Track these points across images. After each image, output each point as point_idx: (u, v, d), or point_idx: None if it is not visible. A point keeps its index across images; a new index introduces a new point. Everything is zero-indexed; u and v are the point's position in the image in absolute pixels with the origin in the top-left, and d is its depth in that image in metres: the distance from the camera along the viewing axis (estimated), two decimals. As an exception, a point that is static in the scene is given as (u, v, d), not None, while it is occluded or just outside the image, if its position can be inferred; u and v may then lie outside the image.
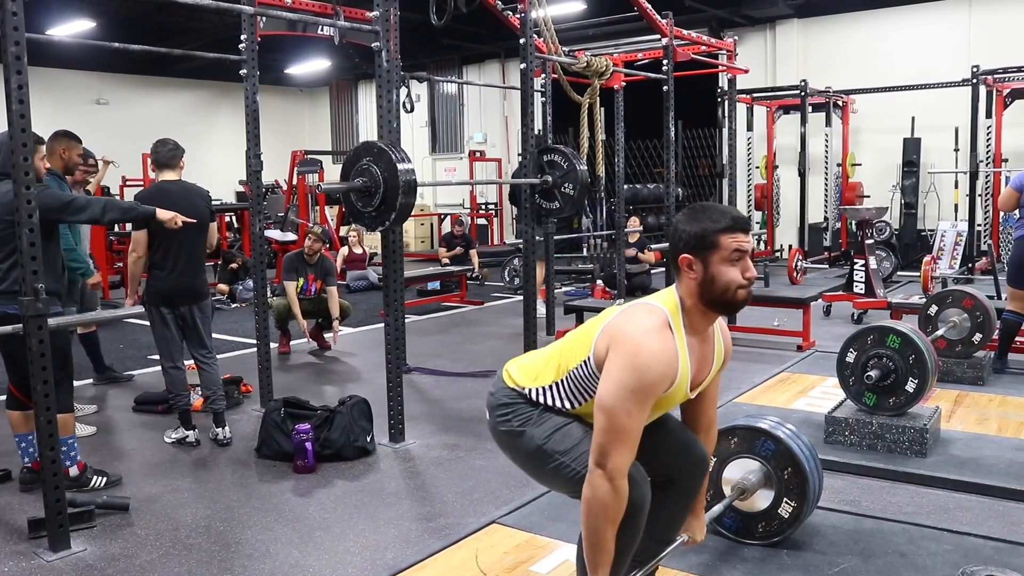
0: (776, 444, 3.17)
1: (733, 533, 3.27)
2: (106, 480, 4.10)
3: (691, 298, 2.25)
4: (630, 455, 2.17)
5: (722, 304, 2.23)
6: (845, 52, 13.30)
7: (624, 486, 2.16)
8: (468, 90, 17.92)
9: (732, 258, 2.19)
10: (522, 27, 5.50)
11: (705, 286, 2.21)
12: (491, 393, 2.52)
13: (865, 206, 10.94)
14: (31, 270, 3.18)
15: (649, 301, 2.28)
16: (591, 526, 2.18)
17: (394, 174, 4.14)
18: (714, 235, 2.19)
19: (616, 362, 2.15)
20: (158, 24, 14.02)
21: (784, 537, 3.18)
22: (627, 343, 2.15)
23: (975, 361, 5.54)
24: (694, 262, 2.21)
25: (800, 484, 3.14)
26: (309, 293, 7.39)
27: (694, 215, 2.24)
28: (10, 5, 3.04)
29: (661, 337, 2.16)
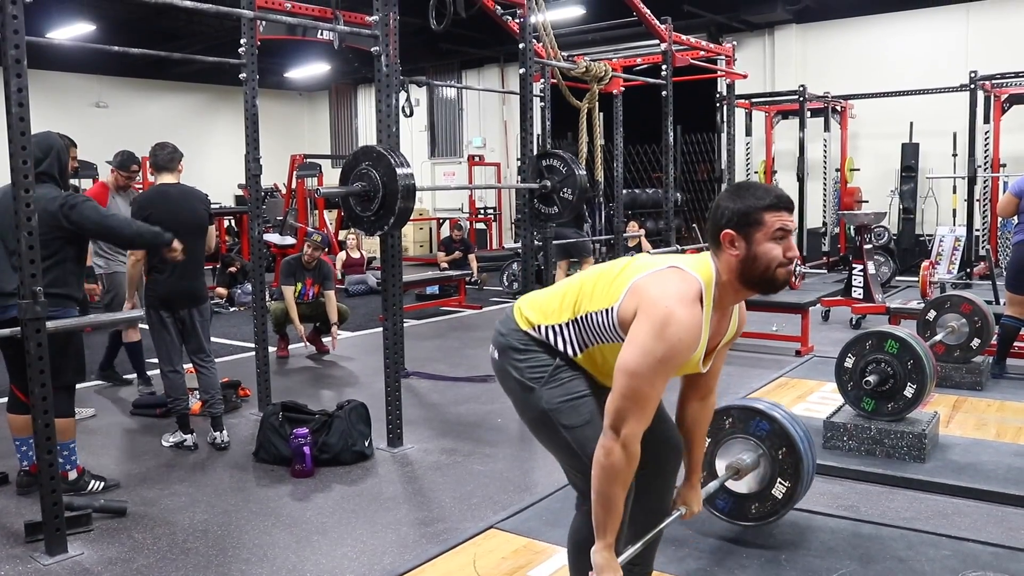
0: (771, 424, 3.15)
1: (726, 515, 3.26)
2: (104, 484, 4.09)
3: (729, 274, 2.21)
4: (646, 422, 2.15)
5: (762, 283, 2.20)
6: (844, 57, 13.32)
7: (637, 451, 2.14)
8: (467, 95, 17.93)
9: (776, 236, 2.16)
10: (521, 32, 5.50)
11: (747, 264, 2.17)
12: (501, 334, 2.45)
13: (863, 211, 10.95)
14: (29, 273, 3.18)
15: (684, 267, 2.21)
16: (603, 490, 2.16)
17: (393, 178, 4.14)
18: (758, 212, 2.16)
19: (645, 328, 2.10)
20: (158, 28, 14.02)
21: (778, 517, 3.17)
22: (659, 310, 2.10)
23: (973, 366, 5.55)
24: (737, 239, 2.17)
25: (794, 464, 3.11)
26: (307, 298, 7.38)
27: (738, 192, 2.21)
28: (10, 8, 3.04)
29: (692, 309, 2.12)
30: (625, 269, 2.29)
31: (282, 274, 7.50)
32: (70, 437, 4.00)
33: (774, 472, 3.16)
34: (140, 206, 4.66)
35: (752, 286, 2.21)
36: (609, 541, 2.19)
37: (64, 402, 3.91)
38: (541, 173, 5.58)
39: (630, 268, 2.27)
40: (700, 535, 3.39)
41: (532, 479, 4.18)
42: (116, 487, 4.13)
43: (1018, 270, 5.60)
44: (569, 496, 3.71)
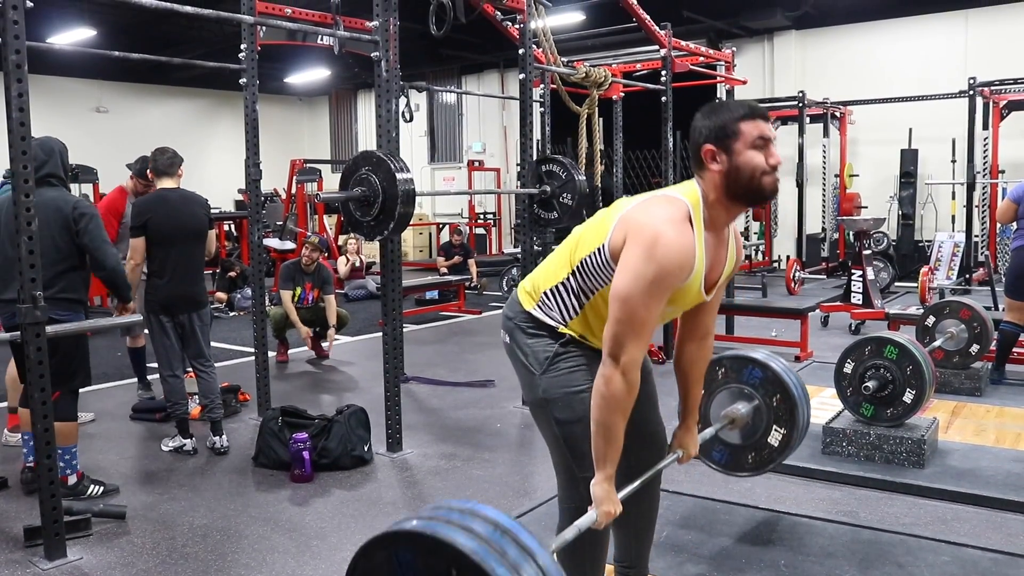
0: (764, 371, 3.10)
1: (723, 466, 3.22)
2: (103, 489, 4.09)
3: (715, 192, 2.20)
4: (644, 347, 2.14)
5: (749, 193, 2.19)
6: (842, 64, 13.34)
7: (636, 378, 2.14)
8: (467, 100, 17.96)
9: (756, 144, 2.15)
10: (521, 38, 5.51)
11: (731, 176, 2.17)
12: (507, 317, 2.46)
13: (863, 217, 10.97)
14: (29, 277, 3.18)
15: (669, 193, 2.23)
16: (603, 419, 2.16)
17: (393, 183, 4.15)
18: (734, 123, 2.16)
19: (634, 252, 2.10)
20: (158, 33, 14.04)
21: (775, 465, 3.12)
22: (646, 233, 2.10)
23: (972, 372, 5.55)
24: (718, 153, 2.17)
25: (790, 410, 3.06)
26: (307, 302, 7.38)
27: (712, 110, 2.22)
28: (11, 13, 3.05)
29: (681, 229, 2.12)
30: (613, 208, 2.30)
31: (281, 278, 7.49)
32: (73, 442, 4.01)
33: (769, 419, 3.09)
34: (139, 211, 4.66)
35: (740, 199, 2.21)
36: (609, 472, 2.18)
37: (69, 406, 3.94)
38: (541, 178, 5.59)
39: (618, 205, 2.29)
40: (698, 541, 3.39)
41: (531, 484, 4.18)
42: (115, 492, 4.13)
43: (1017, 276, 5.61)
44: (568, 501, 3.71)
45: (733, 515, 3.67)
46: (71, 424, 3.97)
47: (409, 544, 1.64)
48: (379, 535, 1.67)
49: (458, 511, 1.69)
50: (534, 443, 4.71)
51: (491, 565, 1.56)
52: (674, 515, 3.58)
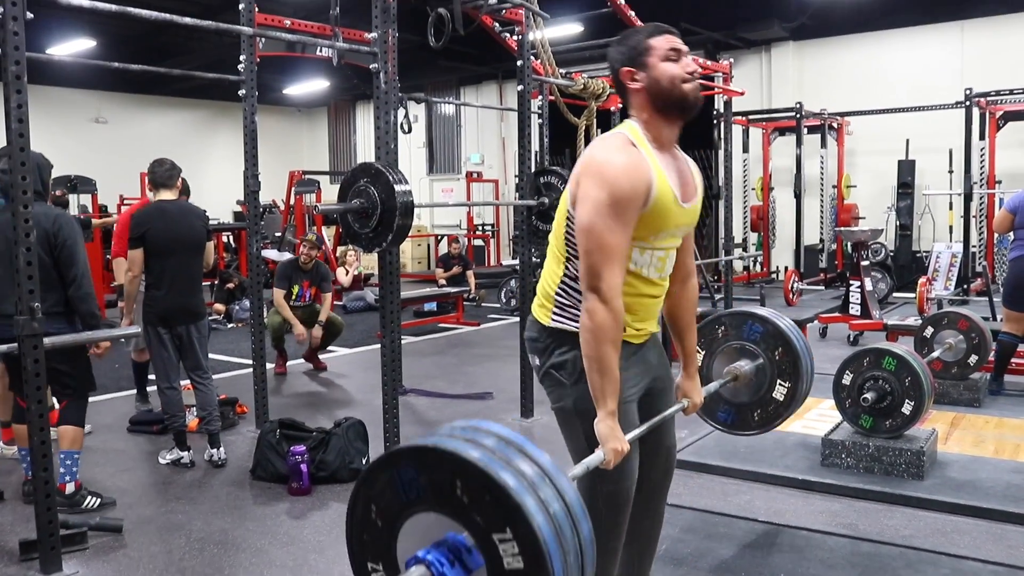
0: (764, 325, 3.05)
1: (730, 427, 3.17)
2: (100, 501, 4.08)
3: (645, 110, 2.27)
4: (620, 272, 2.15)
5: (672, 101, 2.24)
6: (840, 75, 13.38)
7: (620, 305, 2.14)
8: (466, 111, 17.99)
9: (669, 56, 2.24)
10: (519, 49, 5.53)
11: (652, 90, 2.24)
12: (531, 339, 2.44)
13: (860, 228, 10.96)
14: (27, 289, 3.18)
15: (605, 134, 2.32)
16: (595, 353, 2.14)
17: (391, 195, 4.15)
18: (644, 40, 2.25)
19: (586, 184, 2.16)
20: (157, 44, 14.06)
21: (781, 421, 3.08)
22: (593, 164, 2.17)
23: (971, 383, 5.55)
24: (635, 72, 2.25)
25: (793, 362, 3.00)
26: (304, 299, 7.26)
27: (622, 37, 2.32)
28: (11, 24, 3.05)
29: (625, 151, 2.18)
30: None
31: (277, 276, 7.34)
32: (79, 447, 4.07)
33: (773, 374, 3.03)
34: (138, 222, 4.65)
35: (669, 110, 2.26)
36: (611, 408, 2.16)
37: (78, 411, 4.06)
38: (539, 190, 5.59)
39: None
40: (698, 554, 3.38)
41: (530, 496, 4.16)
42: (112, 505, 4.11)
43: (1015, 287, 5.61)
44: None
45: (732, 527, 3.66)
46: (79, 429, 4.06)
47: (410, 460, 1.58)
48: (379, 457, 1.63)
49: (461, 428, 1.65)
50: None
51: (495, 470, 1.50)
52: (673, 528, 3.57)
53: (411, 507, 1.60)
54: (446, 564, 1.49)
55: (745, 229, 13.62)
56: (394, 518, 1.62)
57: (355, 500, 1.65)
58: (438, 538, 1.54)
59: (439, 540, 1.54)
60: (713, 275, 12.06)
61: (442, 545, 1.53)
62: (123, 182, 14.32)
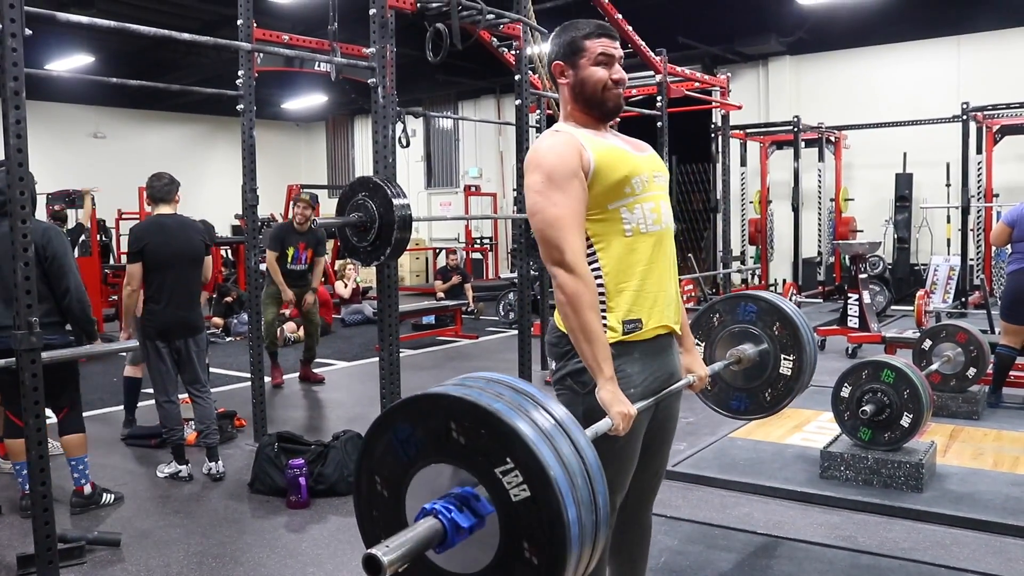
0: (756, 303, 3.04)
1: (745, 413, 3.13)
2: (114, 496, 4.33)
3: (569, 104, 2.34)
4: (578, 239, 2.17)
5: (595, 104, 2.30)
6: (837, 89, 13.44)
7: (586, 269, 2.16)
8: (464, 125, 18.04)
9: (599, 60, 2.27)
10: (517, 64, 5.56)
11: (577, 89, 2.29)
12: (551, 344, 2.41)
13: (858, 241, 10.99)
14: (25, 303, 3.18)
15: None
16: (576, 323, 2.14)
17: (389, 209, 4.16)
18: (579, 40, 2.28)
19: (527, 176, 2.23)
20: (156, 59, 14.12)
21: (795, 395, 3.03)
22: (530, 156, 2.24)
23: (970, 395, 5.55)
24: (565, 68, 2.30)
25: (793, 335, 2.97)
26: (300, 262, 6.98)
27: (562, 29, 2.33)
28: (10, 41, 3.07)
29: (550, 136, 2.26)
30: None
31: (269, 238, 7.04)
32: (86, 452, 4.24)
33: (776, 349, 3.01)
34: (136, 237, 4.65)
35: (589, 110, 2.31)
36: (608, 374, 2.13)
37: (79, 419, 4.23)
38: (537, 203, 5.60)
39: None
40: (696, 566, 3.37)
41: (529, 510, 4.15)
42: (122, 499, 4.34)
43: (1013, 300, 5.62)
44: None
45: (731, 540, 3.65)
46: (82, 435, 4.23)
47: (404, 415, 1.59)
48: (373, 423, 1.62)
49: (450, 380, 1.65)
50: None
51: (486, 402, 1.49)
52: (673, 540, 3.56)
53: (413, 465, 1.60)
54: (454, 510, 1.49)
55: (743, 242, 13.64)
56: (399, 482, 1.63)
57: (359, 477, 1.65)
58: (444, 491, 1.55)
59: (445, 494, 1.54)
60: (711, 288, 12.07)
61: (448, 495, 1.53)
62: (122, 197, 14.33)
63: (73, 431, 4.19)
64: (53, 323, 4.01)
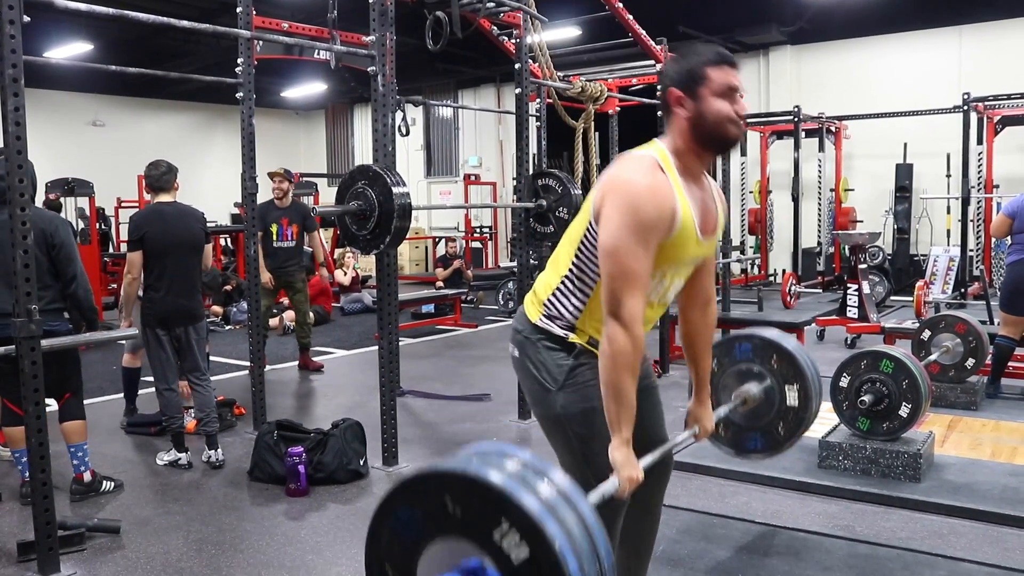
0: (751, 341, 3.06)
1: (764, 451, 3.11)
2: (114, 484, 4.34)
3: (682, 138, 2.20)
4: (642, 299, 2.09)
5: (713, 140, 2.18)
6: (838, 79, 13.41)
7: (640, 333, 2.09)
8: (463, 114, 18.00)
9: (722, 92, 2.15)
10: (517, 52, 5.54)
11: (696, 122, 2.16)
12: (516, 330, 2.42)
13: (858, 231, 10.98)
14: (24, 291, 3.18)
15: (633, 151, 2.22)
16: (612, 380, 2.10)
17: (389, 197, 4.16)
18: (702, 68, 2.14)
19: (611, 205, 2.09)
20: (155, 47, 14.07)
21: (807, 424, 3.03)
22: (619, 184, 2.10)
23: (968, 386, 5.56)
24: (684, 99, 2.16)
25: (791, 364, 2.99)
26: (286, 239, 6.89)
27: (682, 55, 2.20)
28: (8, 28, 3.06)
29: (653, 174, 2.11)
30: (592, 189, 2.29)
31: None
32: (86, 439, 4.25)
33: (779, 383, 3.02)
34: (136, 225, 4.66)
35: (706, 145, 2.20)
36: (626, 436, 2.11)
37: (80, 405, 4.24)
38: (537, 192, 5.60)
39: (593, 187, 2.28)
40: (695, 555, 3.38)
41: (527, 498, 4.16)
42: (121, 486, 4.35)
43: (1012, 291, 5.62)
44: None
45: (729, 529, 3.67)
46: (83, 422, 4.23)
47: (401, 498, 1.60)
48: (373, 514, 1.62)
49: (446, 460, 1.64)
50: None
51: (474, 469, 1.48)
52: (671, 529, 3.57)
53: (419, 545, 1.61)
54: None
55: (743, 232, 13.63)
56: (408, 566, 1.64)
57: (370, 566, 1.65)
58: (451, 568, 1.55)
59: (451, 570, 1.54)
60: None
61: (455, 570, 1.53)
62: (120, 185, 14.31)
63: (73, 418, 4.19)
64: (56, 310, 4.04)
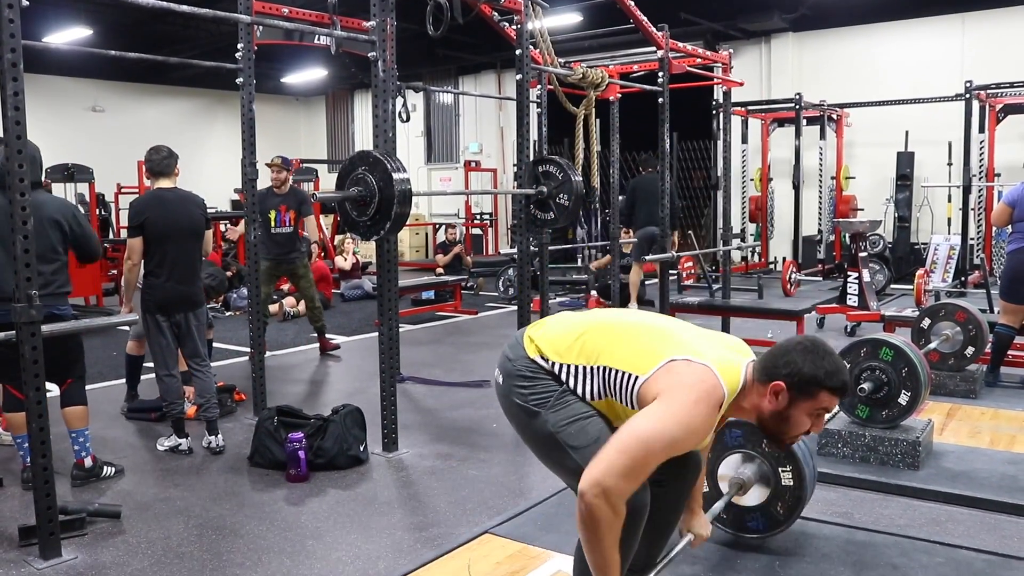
0: (740, 427, 3.18)
1: (766, 531, 3.23)
2: (115, 469, 4.35)
3: (752, 409, 2.22)
4: (635, 487, 2.11)
5: (771, 436, 2.23)
6: (839, 66, 13.36)
7: (623, 508, 2.08)
8: (464, 100, 17.95)
9: (815, 413, 2.18)
10: (518, 38, 5.52)
11: (776, 418, 2.19)
12: (508, 359, 2.42)
13: (859, 219, 10.98)
14: (25, 277, 3.18)
15: (717, 372, 2.15)
16: (591, 542, 2.10)
17: (389, 184, 4.15)
18: (820, 388, 2.14)
19: (670, 407, 2.09)
20: (155, 32, 14.02)
21: (806, 501, 3.19)
22: (687, 400, 2.10)
23: (967, 374, 5.56)
24: (783, 394, 2.16)
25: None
26: (283, 224, 6.96)
27: (816, 356, 2.16)
28: (7, 12, 3.04)
29: (711, 414, 2.12)
30: (662, 337, 2.27)
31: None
32: (87, 424, 4.25)
33: (772, 465, 3.14)
34: (137, 211, 4.65)
35: (764, 431, 2.25)
36: None
37: (81, 390, 4.23)
38: (537, 179, 5.59)
39: (667, 340, 2.24)
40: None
41: (527, 484, 4.18)
42: (122, 472, 4.36)
43: (1012, 279, 5.62)
44: (563, 501, 3.72)
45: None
46: (84, 408, 4.24)
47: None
48: None
49: None
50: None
51: None
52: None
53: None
54: None
55: (744, 220, 13.62)
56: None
57: None
58: None
59: None
60: (711, 265, 12.07)
61: None
62: (120, 171, 14.29)
63: (75, 403, 4.20)
64: (63, 293, 4.07)
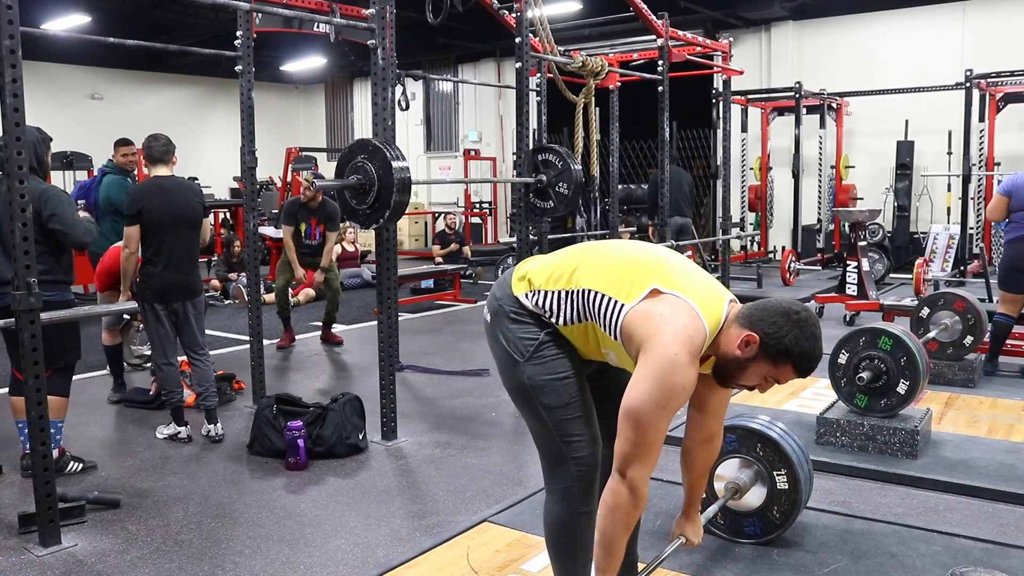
0: (734, 432, 3.20)
1: (762, 536, 3.24)
2: (82, 466, 4.22)
3: (722, 349, 2.19)
4: (652, 465, 2.14)
5: (723, 376, 2.24)
6: (839, 55, 13.33)
7: (645, 493, 2.13)
8: (463, 89, 17.91)
9: (769, 379, 2.19)
10: (518, 26, 5.50)
11: (732, 363, 2.18)
12: (495, 296, 2.43)
13: (858, 208, 10.98)
14: (23, 264, 3.17)
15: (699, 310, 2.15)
16: (607, 531, 2.15)
17: (388, 172, 4.14)
18: (788, 361, 2.14)
19: (650, 372, 2.08)
20: (153, 19, 13.99)
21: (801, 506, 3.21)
22: (667, 356, 2.08)
23: (966, 363, 5.57)
24: (753, 347, 2.14)
25: (776, 450, 3.15)
26: (313, 237, 7.16)
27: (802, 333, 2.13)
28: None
29: (694, 363, 2.11)
30: (647, 263, 2.25)
31: (283, 213, 7.29)
32: (62, 416, 4.16)
33: (766, 468, 3.18)
34: (134, 199, 4.64)
35: (717, 369, 2.24)
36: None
37: (64, 381, 4.12)
38: (537, 168, 5.58)
39: (655, 270, 2.22)
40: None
41: (525, 473, 4.18)
42: (94, 468, 4.25)
43: (1010, 268, 5.62)
44: (562, 490, 3.71)
45: (726, 505, 3.68)
46: (63, 400, 4.13)
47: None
48: None
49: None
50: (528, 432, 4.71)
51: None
52: (668, 504, 3.59)
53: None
54: None
55: (743, 209, 13.61)
56: None
57: None
58: None
59: None
60: (711, 254, 12.07)
61: None
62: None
63: (55, 393, 3.96)
64: (56, 281, 3.97)
